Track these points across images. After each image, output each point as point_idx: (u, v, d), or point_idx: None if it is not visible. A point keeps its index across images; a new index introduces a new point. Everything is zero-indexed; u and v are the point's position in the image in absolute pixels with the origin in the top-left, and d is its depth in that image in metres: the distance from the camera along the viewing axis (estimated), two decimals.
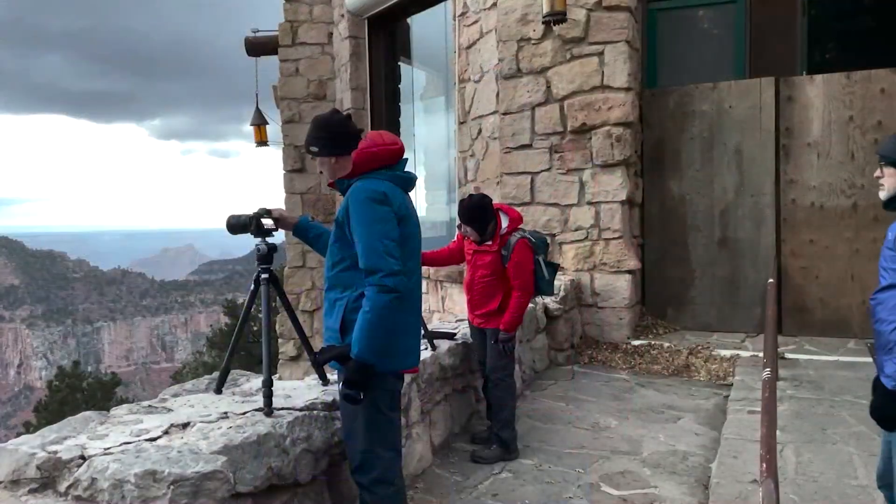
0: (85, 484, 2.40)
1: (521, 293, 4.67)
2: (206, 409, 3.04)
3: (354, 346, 2.74)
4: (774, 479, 2.23)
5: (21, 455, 2.51)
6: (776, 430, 2.82)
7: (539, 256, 4.75)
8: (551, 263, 4.94)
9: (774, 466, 2.33)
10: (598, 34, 7.20)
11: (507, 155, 7.74)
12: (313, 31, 12.08)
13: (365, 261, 2.77)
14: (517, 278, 4.64)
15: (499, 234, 4.69)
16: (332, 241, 3.02)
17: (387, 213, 2.83)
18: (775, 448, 2.53)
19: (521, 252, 4.65)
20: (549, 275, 4.84)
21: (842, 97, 7.11)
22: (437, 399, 4.71)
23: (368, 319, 2.72)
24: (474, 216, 4.63)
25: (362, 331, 2.73)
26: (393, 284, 2.73)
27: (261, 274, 3.14)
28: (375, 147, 2.96)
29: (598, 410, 5.64)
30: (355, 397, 2.75)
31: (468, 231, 4.70)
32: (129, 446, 2.56)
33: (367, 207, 2.82)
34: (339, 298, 2.95)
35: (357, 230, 2.83)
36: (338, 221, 2.95)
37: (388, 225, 2.81)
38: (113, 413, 3.00)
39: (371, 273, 2.75)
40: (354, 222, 2.84)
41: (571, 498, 4.06)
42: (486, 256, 4.71)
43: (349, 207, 2.88)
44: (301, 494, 2.96)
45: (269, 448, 2.77)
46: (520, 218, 4.85)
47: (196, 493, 2.37)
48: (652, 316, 7.85)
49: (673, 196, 7.81)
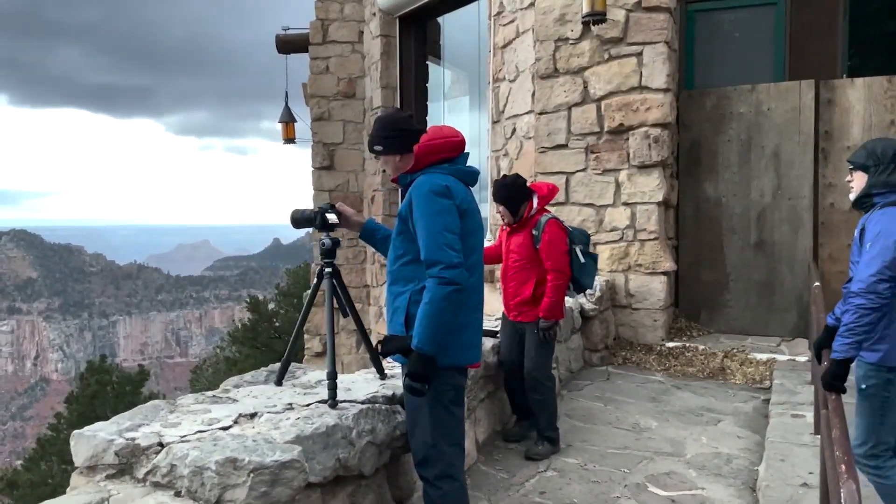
0: (164, 470, 2.43)
1: (556, 275, 4.57)
2: (270, 399, 3.07)
3: (415, 338, 2.76)
4: (856, 480, 2.22)
5: (99, 441, 2.54)
6: (848, 432, 2.81)
7: (576, 246, 4.68)
8: (591, 254, 4.82)
9: (853, 468, 2.33)
10: (636, 35, 7.19)
11: (542, 155, 7.73)
12: (344, 29, 12.13)
13: (426, 253, 2.79)
14: (549, 259, 4.57)
15: (528, 212, 4.65)
16: (394, 235, 3.04)
17: (449, 207, 2.85)
18: (850, 450, 2.52)
19: (553, 231, 4.59)
20: (589, 265, 4.74)
21: (883, 101, 7.06)
22: (482, 397, 4.72)
23: (428, 311, 2.74)
24: (508, 195, 4.63)
25: (422, 322, 2.75)
26: (452, 276, 2.74)
27: (324, 268, 3.16)
28: (437, 140, 2.98)
29: (637, 411, 5.63)
30: (419, 390, 2.77)
31: (502, 212, 4.70)
32: (204, 434, 2.58)
33: (430, 200, 2.84)
34: (402, 292, 2.96)
35: (419, 223, 2.84)
36: (401, 216, 2.97)
37: (450, 218, 2.83)
38: (180, 402, 3.03)
39: (432, 265, 2.77)
40: (417, 215, 2.85)
41: (619, 497, 4.06)
42: (517, 238, 4.68)
43: (412, 201, 2.90)
44: (364, 487, 2.99)
45: (336, 439, 2.80)
46: (549, 193, 4.80)
47: (274, 482, 2.39)
48: (686, 318, 7.82)
49: (709, 198, 7.78)
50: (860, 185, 3.12)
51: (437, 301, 2.75)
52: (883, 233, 2.87)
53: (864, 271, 2.89)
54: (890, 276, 2.83)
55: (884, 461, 3.01)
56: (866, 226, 3.01)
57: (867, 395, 3.04)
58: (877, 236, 2.89)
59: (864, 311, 2.84)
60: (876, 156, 3.05)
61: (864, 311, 2.84)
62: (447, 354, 2.87)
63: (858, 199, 3.13)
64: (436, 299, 2.75)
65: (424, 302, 2.77)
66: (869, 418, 3.04)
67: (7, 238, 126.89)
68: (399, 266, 3.00)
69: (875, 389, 3.00)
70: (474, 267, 2.99)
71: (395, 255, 3.03)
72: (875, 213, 3.01)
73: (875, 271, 2.84)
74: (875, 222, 2.95)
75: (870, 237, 2.93)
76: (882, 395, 2.98)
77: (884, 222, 2.91)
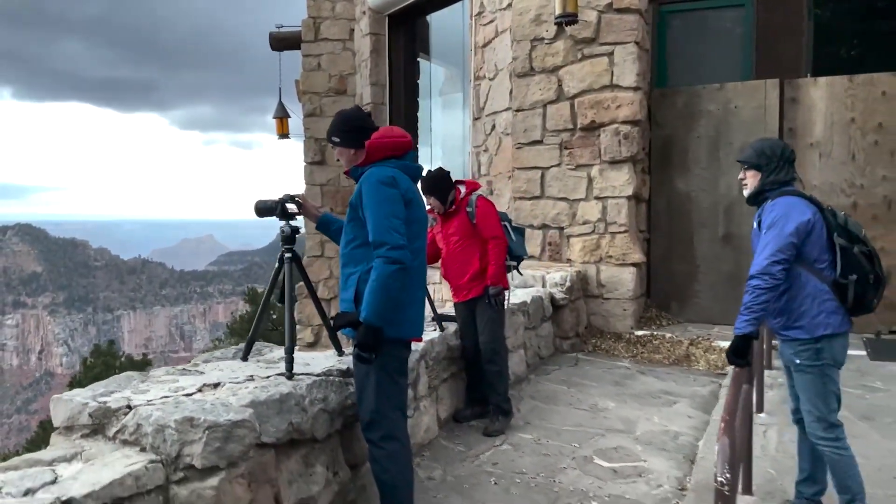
0: (131, 429, 2.74)
1: (496, 241, 4.98)
2: (234, 372, 3.39)
3: (363, 311, 3.09)
4: (731, 437, 2.53)
5: (75, 404, 2.87)
6: (740, 398, 3.14)
7: (505, 223, 5.14)
8: (517, 228, 5.37)
9: (732, 428, 2.64)
10: (608, 35, 7.49)
11: (518, 150, 8.04)
12: (335, 27, 12.44)
13: (374, 235, 3.11)
14: (486, 228, 4.97)
15: (459, 198, 5.04)
16: (346, 222, 3.37)
17: (395, 195, 3.18)
18: (735, 413, 2.84)
19: (484, 205, 5.02)
20: (518, 238, 5.25)
21: (844, 99, 7.35)
22: (444, 377, 5.04)
23: (375, 287, 3.06)
24: (436, 186, 5.00)
25: (369, 297, 3.07)
26: (397, 256, 3.07)
27: (285, 253, 3.48)
28: (386, 138, 3.31)
29: (599, 394, 5.95)
30: (367, 359, 3.09)
31: (432, 203, 5.04)
32: (169, 399, 2.91)
33: (378, 189, 3.16)
34: (353, 273, 3.29)
35: (368, 209, 3.17)
36: (352, 204, 3.30)
37: (396, 205, 3.15)
38: (152, 374, 3.36)
39: (379, 246, 3.09)
40: (366, 202, 3.18)
41: (565, 468, 4.38)
42: (455, 221, 5.04)
43: (362, 190, 3.22)
44: (317, 450, 3.31)
45: (290, 406, 3.12)
46: (476, 185, 5.22)
47: (227, 439, 2.71)
48: (657, 308, 8.13)
49: (680, 193, 8.08)
50: (753, 182, 3.43)
51: (383, 278, 3.07)
52: (777, 220, 3.19)
53: (759, 255, 3.21)
54: (782, 258, 3.14)
55: (840, 431, 3.25)
56: (762, 216, 3.32)
57: (802, 369, 3.30)
58: (772, 224, 3.20)
59: (759, 290, 3.16)
60: (766, 155, 3.37)
61: (760, 290, 3.16)
62: (393, 328, 3.19)
63: (753, 195, 3.45)
64: (382, 276, 3.07)
65: (372, 279, 3.10)
66: (811, 391, 3.29)
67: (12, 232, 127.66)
68: (350, 249, 3.32)
69: (809, 361, 3.27)
70: (417, 251, 3.31)
71: (346, 239, 3.36)
72: (767, 204, 3.33)
73: (768, 254, 3.16)
74: (769, 211, 3.27)
75: (765, 224, 3.24)
76: (816, 366, 3.25)
77: (777, 211, 3.22)
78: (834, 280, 3.21)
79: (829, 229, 3.24)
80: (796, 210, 3.21)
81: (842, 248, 3.19)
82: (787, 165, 3.37)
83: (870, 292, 3.22)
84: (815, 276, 3.24)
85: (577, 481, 4.21)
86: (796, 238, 3.17)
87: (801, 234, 3.18)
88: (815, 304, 3.23)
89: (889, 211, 7.26)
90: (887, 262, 7.17)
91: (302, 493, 3.18)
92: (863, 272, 3.18)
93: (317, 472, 3.27)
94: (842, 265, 3.18)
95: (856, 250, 3.20)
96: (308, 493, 3.20)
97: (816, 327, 3.24)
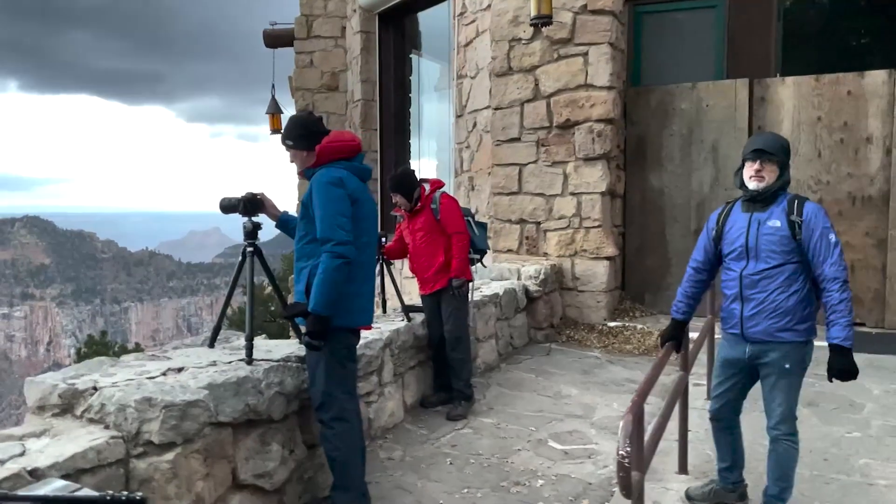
0: (96, 409, 3.02)
1: (459, 236, 5.25)
2: (199, 358, 3.67)
3: (311, 302, 3.37)
4: (635, 414, 2.80)
5: (46, 386, 3.14)
6: (656, 380, 3.40)
7: (468, 218, 5.42)
8: (479, 223, 5.66)
9: (639, 407, 2.91)
10: (583, 36, 7.72)
11: (497, 147, 8.29)
12: (327, 24, 12.69)
13: (321, 232, 3.40)
14: (450, 224, 5.24)
15: (424, 195, 5.31)
16: (299, 219, 3.63)
17: (341, 195, 3.45)
18: (646, 394, 3.10)
19: (448, 201, 5.30)
20: (480, 232, 5.53)
21: (811, 98, 7.57)
22: (412, 364, 5.32)
23: (321, 280, 3.35)
24: (402, 183, 5.29)
25: (316, 289, 3.36)
26: (342, 251, 3.35)
27: (247, 248, 3.76)
28: (336, 142, 3.58)
29: (565, 382, 6.21)
30: (316, 346, 3.37)
31: (398, 200, 5.31)
32: (132, 382, 3.18)
33: (326, 189, 3.45)
34: (304, 267, 3.57)
35: (317, 208, 3.45)
36: (304, 203, 3.57)
37: (342, 204, 3.43)
38: (122, 359, 3.65)
39: (325, 242, 3.38)
40: (315, 202, 3.46)
41: (519, 450, 4.65)
42: (420, 217, 5.31)
43: (312, 190, 3.49)
44: (273, 429, 3.58)
45: (246, 388, 3.39)
46: (440, 183, 5.49)
47: (183, 417, 2.99)
48: (631, 300, 8.38)
49: (653, 189, 8.32)
50: (772, 177, 3.36)
51: (329, 271, 3.35)
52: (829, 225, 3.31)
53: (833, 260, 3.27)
54: None
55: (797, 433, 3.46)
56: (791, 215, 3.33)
57: (791, 373, 3.39)
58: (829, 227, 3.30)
59: None
60: (787, 152, 3.42)
61: None
62: (341, 317, 3.46)
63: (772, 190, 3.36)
64: (328, 270, 3.36)
65: (319, 272, 3.38)
66: (790, 395, 3.41)
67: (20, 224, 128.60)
68: (302, 245, 3.60)
69: (798, 367, 3.39)
70: (364, 246, 3.59)
71: (298, 235, 3.63)
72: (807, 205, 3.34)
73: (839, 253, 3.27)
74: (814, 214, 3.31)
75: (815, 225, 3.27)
76: (803, 369, 3.42)
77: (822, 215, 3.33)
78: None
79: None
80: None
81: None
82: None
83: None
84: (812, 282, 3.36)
85: (528, 462, 4.48)
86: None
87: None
88: (812, 309, 3.38)
89: (853, 207, 7.48)
90: (852, 255, 7.46)
91: (258, 469, 3.45)
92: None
93: (273, 450, 3.55)
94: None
95: None
96: (264, 470, 3.48)
97: (810, 331, 3.38)
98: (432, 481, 4.18)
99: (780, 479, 3.49)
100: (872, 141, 7.40)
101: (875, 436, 4.68)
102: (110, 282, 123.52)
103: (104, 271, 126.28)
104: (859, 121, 7.40)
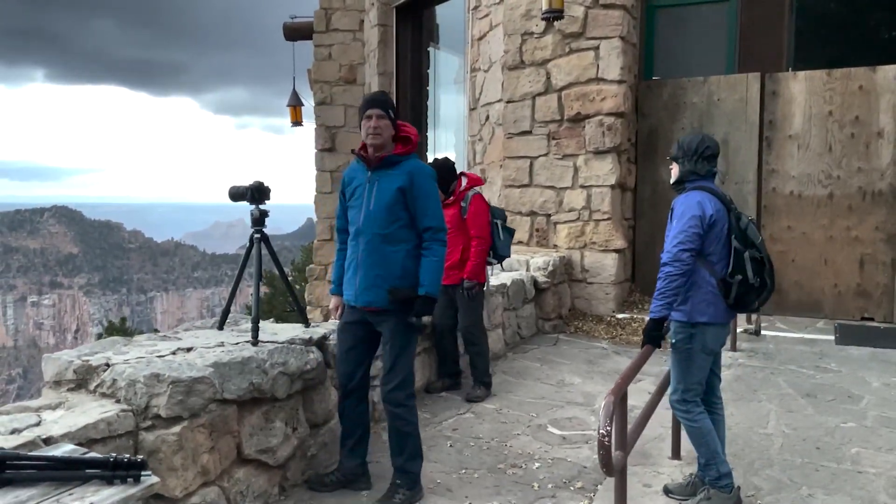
0: (108, 384, 3.20)
1: (479, 241, 5.35)
2: (208, 339, 3.84)
3: (428, 286, 3.63)
4: (616, 396, 2.92)
5: (62, 362, 3.34)
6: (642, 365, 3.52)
7: (497, 220, 5.45)
8: (508, 228, 5.64)
9: (621, 391, 3.03)
10: (594, 30, 7.79)
11: (509, 140, 8.40)
12: (346, 18, 12.84)
13: (433, 221, 3.68)
14: (474, 227, 5.34)
15: (458, 190, 5.40)
16: (391, 203, 3.68)
17: None
18: (629, 379, 3.23)
19: (477, 203, 5.38)
20: (505, 238, 5.53)
21: (822, 93, 7.58)
22: (418, 351, 5.45)
23: (437, 266, 3.67)
24: (439, 175, 5.36)
25: (434, 275, 3.65)
26: (444, 239, 3.71)
27: (254, 234, 3.92)
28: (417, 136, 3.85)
29: (569, 371, 6.33)
30: (421, 327, 3.72)
31: None
32: (143, 359, 3.36)
33: (432, 183, 3.76)
34: (396, 251, 3.69)
35: (425, 199, 3.68)
36: (402, 188, 3.66)
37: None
38: (135, 339, 3.83)
39: (438, 231, 3.68)
40: (423, 192, 3.67)
41: (518, 434, 4.79)
42: (448, 210, 5.37)
43: (414, 180, 3.66)
44: (277, 408, 3.75)
45: (251, 368, 3.56)
46: (479, 180, 5.57)
47: (189, 393, 3.16)
48: (641, 293, 8.46)
49: (664, 182, 8.37)
50: (674, 172, 3.72)
51: (441, 258, 3.71)
52: (686, 211, 3.50)
53: (670, 243, 3.52)
54: (690, 247, 3.44)
55: (692, 406, 3.63)
56: (674, 206, 3.64)
57: (676, 348, 3.68)
58: (681, 214, 3.52)
59: (672, 276, 3.45)
60: (682, 149, 3.68)
61: (672, 276, 3.45)
62: None
63: (674, 183, 3.75)
64: (442, 256, 3.70)
65: (434, 259, 3.66)
66: (678, 368, 3.67)
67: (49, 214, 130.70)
68: (396, 228, 3.68)
69: (682, 343, 3.63)
70: None
71: (389, 220, 3.67)
72: (680, 196, 3.63)
73: (677, 242, 3.46)
74: (679, 203, 3.58)
75: (675, 215, 3.56)
76: (686, 348, 3.61)
77: (685, 203, 3.54)
78: (723, 277, 3.48)
79: (730, 230, 3.50)
80: (701, 204, 3.48)
81: (735, 249, 3.47)
82: (702, 160, 3.63)
83: (751, 294, 3.51)
84: (705, 268, 3.52)
85: (526, 445, 4.61)
86: (700, 229, 3.44)
87: (704, 227, 3.46)
88: (700, 294, 3.52)
89: (863, 201, 7.50)
90: (861, 250, 7.49)
91: (261, 444, 3.63)
92: (747, 275, 3.46)
93: (276, 427, 3.71)
94: (732, 265, 3.46)
95: (747, 255, 3.47)
96: (267, 445, 3.65)
97: (695, 314, 3.55)
98: (431, 462, 4.33)
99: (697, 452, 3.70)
100: (883, 136, 7.40)
101: (870, 426, 4.75)
102: (136, 271, 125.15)
103: (131, 261, 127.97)
104: (871, 115, 7.41)
